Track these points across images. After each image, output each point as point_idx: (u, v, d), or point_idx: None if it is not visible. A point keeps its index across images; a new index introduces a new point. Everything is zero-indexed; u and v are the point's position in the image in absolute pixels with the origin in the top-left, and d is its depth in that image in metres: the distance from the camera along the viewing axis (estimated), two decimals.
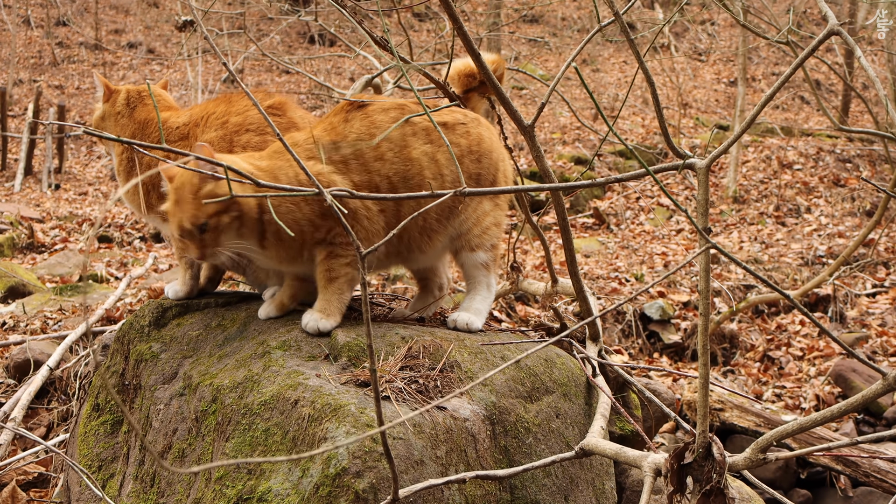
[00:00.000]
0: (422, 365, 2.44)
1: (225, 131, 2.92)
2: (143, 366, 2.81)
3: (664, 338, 7.05)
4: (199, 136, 2.97)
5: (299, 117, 3.04)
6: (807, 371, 6.43)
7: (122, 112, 3.14)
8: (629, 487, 2.88)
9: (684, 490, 1.87)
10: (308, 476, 2.10)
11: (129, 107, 3.15)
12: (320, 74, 16.51)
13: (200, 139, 2.94)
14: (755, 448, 1.77)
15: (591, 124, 13.76)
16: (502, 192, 2.14)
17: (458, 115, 2.79)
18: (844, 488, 4.41)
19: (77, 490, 2.84)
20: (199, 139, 2.94)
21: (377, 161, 2.62)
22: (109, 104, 3.16)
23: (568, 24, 20.59)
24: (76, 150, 14.69)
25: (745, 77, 11.57)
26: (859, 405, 1.60)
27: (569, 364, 2.78)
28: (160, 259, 7.87)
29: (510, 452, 2.40)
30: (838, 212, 10.76)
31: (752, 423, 4.64)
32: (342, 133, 2.63)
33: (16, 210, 10.02)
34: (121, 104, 3.15)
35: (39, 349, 4.37)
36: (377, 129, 2.63)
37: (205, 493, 2.30)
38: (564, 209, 2.71)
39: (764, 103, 1.65)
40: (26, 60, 18.53)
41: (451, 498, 2.17)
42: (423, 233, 2.71)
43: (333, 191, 1.49)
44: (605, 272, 8.06)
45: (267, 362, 2.45)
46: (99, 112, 3.20)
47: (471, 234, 2.76)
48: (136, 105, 3.16)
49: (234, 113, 2.97)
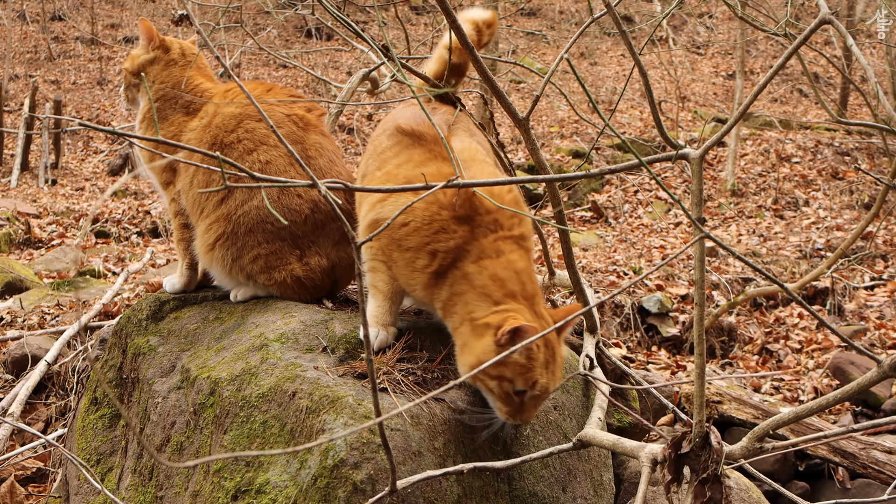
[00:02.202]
0: (420, 357, 2.44)
1: (241, 110, 2.93)
2: (140, 359, 2.81)
3: (662, 331, 7.05)
4: (226, 100, 3.00)
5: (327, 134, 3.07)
6: (805, 364, 6.43)
7: (178, 61, 3.18)
8: (627, 479, 2.88)
9: (681, 480, 1.87)
10: (306, 468, 2.11)
11: (186, 58, 3.19)
12: (317, 68, 16.49)
13: (218, 108, 2.96)
14: (752, 437, 1.77)
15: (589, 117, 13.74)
16: (497, 185, 2.14)
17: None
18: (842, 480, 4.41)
19: (76, 484, 2.84)
20: (217, 108, 2.96)
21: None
22: (162, 50, 3.18)
23: (566, 17, 20.57)
24: (73, 146, 14.66)
25: (743, 70, 11.56)
26: (854, 393, 1.60)
27: (566, 356, 2.78)
28: (158, 254, 7.87)
29: (508, 444, 2.40)
30: (836, 205, 10.76)
31: (750, 415, 4.64)
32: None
33: (12, 205, 10.01)
34: (177, 53, 3.18)
35: (37, 344, 4.37)
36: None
37: (203, 486, 2.31)
38: (561, 202, 2.71)
39: (757, 92, 1.65)
40: (22, 55, 18.49)
41: (449, 489, 2.17)
42: None
43: (327, 182, 1.49)
44: (604, 265, 8.06)
45: (265, 355, 2.44)
46: (149, 55, 3.19)
47: None
48: (187, 61, 3.20)
49: (259, 100, 2.99)
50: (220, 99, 3.03)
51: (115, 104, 16.39)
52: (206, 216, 2.88)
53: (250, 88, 3.06)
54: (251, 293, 2.92)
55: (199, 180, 2.92)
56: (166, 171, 3.08)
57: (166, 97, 3.10)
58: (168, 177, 3.08)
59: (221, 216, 2.84)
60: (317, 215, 2.82)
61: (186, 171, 2.98)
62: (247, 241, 2.80)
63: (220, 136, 2.90)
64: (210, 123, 2.94)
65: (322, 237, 2.84)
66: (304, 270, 2.80)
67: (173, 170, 3.06)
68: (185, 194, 3.01)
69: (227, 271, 2.87)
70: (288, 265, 2.80)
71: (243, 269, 2.84)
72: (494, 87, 2.40)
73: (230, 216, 2.82)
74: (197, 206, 2.94)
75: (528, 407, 2.20)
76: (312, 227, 2.82)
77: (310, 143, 2.92)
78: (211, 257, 2.88)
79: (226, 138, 2.89)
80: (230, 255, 2.83)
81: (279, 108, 2.98)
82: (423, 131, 2.54)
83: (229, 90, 3.05)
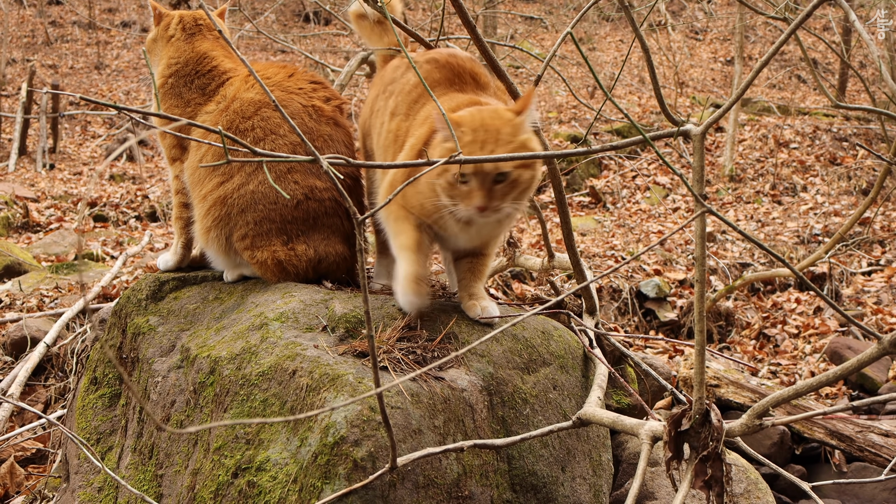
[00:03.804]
0: (419, 336, 2.44)
1: (261, 97, 2.91)
2: (140, 339, 2.81)
3: (660, 315, 7.07)
4: (237, 91, 2.96)
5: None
6: (802, 348, 6.45)
7: (177, 35, 3.13)
8: (625, 460, 2.90)
9: (682, 457, 1.88)
10: (306, 445, 2.11)
11: (186, 32, 3.13)
12: (315, 53, 16.43)
13: (238, 94, 2.93)
14: (751, 414, 1.78)
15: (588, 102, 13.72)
16: (499, 161, 2.13)
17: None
18: (839, 463, 4.43)
19: (76, 463, 2.85)
20: (237, 93, 2.94)
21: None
22: (162, 27, 3.15)
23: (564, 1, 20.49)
24: (70, 130, 14.62)
25: (741, 56, 11.53)
26: (854, 369, 1.61)
27: (566, 337, 2.79)
28: (156, 238, 7.86)
29: (507, 423, 2.41)
30: (834, 190, 10.76)
31: (747, 398, 4.65)
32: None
33: (10, 189, 9.99)
34: (174, 28, 3.13)
35: (36, 326, 4.37)
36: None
37: (203, 464, 2.31)
38: (560, 181, 2.71)
39: (759, 68, 1.65)
40: (19, 40, 18.41)
41: (449, 467, 2.18)
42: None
43: (329, 157, 1.48)
44: (602, 250, 8.06)
45: (264, 334, 2.45)
46: (152, 34, 3.18)
47: None
48: (195, 33, 3.14)
49: (280, 87, 2.96)
50: (241, 84, 2.98)
51: (112, 88, 16.34)
52: (205, 198, 2.88)
53: (272, 73, 3.03)
54: (239, 272, 2.93)
55: (207, 160, 2.91)
56: (175, 147, 3.07)
57: (179, 73, 3.05)
58: (176, 153, 3.07)
59: (219, 199, 2.83)
60: (311, 203, 2.81)
61: (197, 150, 2.97)
62: (237, 221, 2.81)
63: (236, 121, 2.88)
64: (227, 108, 2.92)
65: (313, 230, 2.82)
66: (288, 255, 2.79)
67: (182, 147, 3.06)
68: (190, 172, 3.00)
69: (222, 251, 2.88)
70: (271, 246, 2.79)
71: (232, 247, 2.85)
72: (496, 66, 2.39)
73: (226, 199, 2.82)
74: (198, 186, 2.93)
75: (479, 190, 2.23)
76: (304, 214, 2.81)
77: (317, 135, 2.91)
78: (207, 238, 2.89)
79: (241, 124, 2.87)
80: (223, 234, 2.84)
81: (298, 97, 2.94)
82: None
83: (250, 75, 2.98)
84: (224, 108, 2.93)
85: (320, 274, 2.87)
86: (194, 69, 3.05)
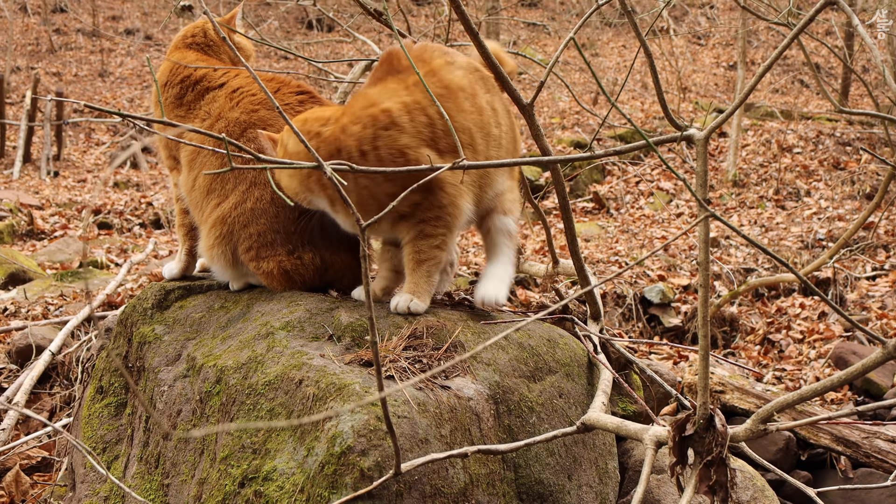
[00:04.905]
0: (425, 345, 2.44)
1: (248, 118, 2.89)
2: (146, 348, 2.82)
3: (664, 321, 7.06)
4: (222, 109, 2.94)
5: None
6: (807, 354, 6.44)
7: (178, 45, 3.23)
8: (631, 468, 2.89)
9: (686, 462, 1.87)
10: (313, 455, 2.11)
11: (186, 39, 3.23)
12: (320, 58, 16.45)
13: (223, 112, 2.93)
14: (756, 419, 1.78)
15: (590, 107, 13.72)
16: (503, 165, 2.14)
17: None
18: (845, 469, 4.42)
19: (82, 472, 2.85)
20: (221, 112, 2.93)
21: (459, 113, 2.55)
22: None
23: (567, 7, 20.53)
24: (74, 138, 14.66)
25: (744, 61, 11.52)
26: (859, 374, 1.61)
27: (571, 345, 2.79)
28: (160, 245, 7.88)
29: (514, 431, 2.41)
30: (838, 195, 10.75)
31: (752, 404, 4.64)
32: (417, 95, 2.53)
33: (15, 197, 10.01)
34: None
35: (41, 334, 4.38)
36: (446, 87, 2.55)
37: (210, 473, 2.32)
38: (564, 186, 2.72)
39: (763, 72, 1.65)
40: (23, 47, 18.47)
41: (455, 476, 2.18)
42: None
43: (332, 164, 1.49)
44: (605, 256, 8.06)
45: (271, 343, 2.45)
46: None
47: (505, 197, 2.73)
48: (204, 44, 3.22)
49: (265, 105, 2.95)
50: (226, 100, 2.95)
51: (116, 95, 16.38)
52: (206, 220, 2.89)
53: (258, 88, 3.02)
54: (245, 281, 2.94)
55: (200, 184, 2.90)
56: (170, 157, 3.08)
57: (171, 83, 3.07)
58: (171, 163, 3.08)
59: (218, 219, 2.83)
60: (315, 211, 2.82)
61: (189, 169, 2.96)
62: (241, 236, 2.81)
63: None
64: (211, 127, 2.90)
65: (318, 238, 2.83)
66: (295, 265, 2.79)
67: (177, 159, 3.06)
68: (186, 191, 2.99)
69: (229, 265, 2.89)
70: (277, 256, 2.79)
71: (238, 259, 2.85)
72: (499, 73, 2.40)
73: (225, 218, 2.82)
74: (198, 209, 2.94)
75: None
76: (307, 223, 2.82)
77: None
78: (212, 255, 2.89)
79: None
80: (228, 250, 2.85)
81: (287, 112, 2.93)
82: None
83: (235, 91, 2.96)
84: (209, 126, 2.91)
85: (326, 282, 2.87)
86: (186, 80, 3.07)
